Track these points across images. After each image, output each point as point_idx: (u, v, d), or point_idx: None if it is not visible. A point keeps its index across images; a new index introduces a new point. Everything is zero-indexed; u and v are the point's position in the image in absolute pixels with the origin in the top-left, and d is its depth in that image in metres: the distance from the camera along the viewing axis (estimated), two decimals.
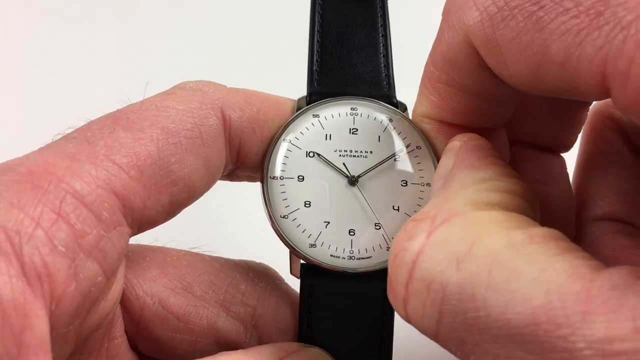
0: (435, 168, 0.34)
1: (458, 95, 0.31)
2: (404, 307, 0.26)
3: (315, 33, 0.38)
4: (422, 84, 0.33)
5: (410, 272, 0.25)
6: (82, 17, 0.73)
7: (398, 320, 0.34)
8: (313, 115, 0.36)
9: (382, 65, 0.37)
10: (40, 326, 0.25)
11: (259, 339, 0.35)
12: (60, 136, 0.30)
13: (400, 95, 0.37)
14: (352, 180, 0.35)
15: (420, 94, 0.33)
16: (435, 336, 0.25)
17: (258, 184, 0.36)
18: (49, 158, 0.28)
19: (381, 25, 0.38)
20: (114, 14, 0.74)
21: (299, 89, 0.38)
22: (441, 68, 0.31)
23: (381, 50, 0.38)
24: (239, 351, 0.32)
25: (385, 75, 0.37)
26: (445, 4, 0.30)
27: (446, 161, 0.31)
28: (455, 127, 0.33)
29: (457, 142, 0.31)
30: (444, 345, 0.25)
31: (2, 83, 0.68)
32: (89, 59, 0.70)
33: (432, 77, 0.32)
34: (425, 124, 0.34)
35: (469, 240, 0.24)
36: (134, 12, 0.74)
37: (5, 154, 0.29)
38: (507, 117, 0.34)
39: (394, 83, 0.37)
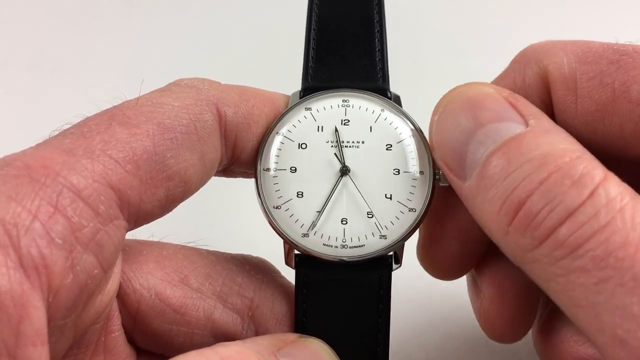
0: (427, 157, 0.35)
1: None
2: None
3: (312, 29, 0.38)
4: None
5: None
6: (80, 17, 0.74)
7: (394, 308, 0.35)
8: (305, 108, 0.36)
9: (377, 59, 0.38)
10: (37, 317, 0.25)
11: (256, 331, 0.36)
12: (57, 132, 0.31)
13: (395, 88, 0.38)
14: (344, 170, 0.35)
15: None
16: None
17: (253, 179, 0.36)
18: (46, 153, 0.28)
19: (377, 21, 0.38)
20: (110, 13, 0.75)
21: (295, 85, 0.38)
22: None
23: (376, 45, 0.38)
24: (237, 342, 0.32)
25: (380, 68, 0.37)
26: (521, 51, 0.35)
27: None
28: None
29: None
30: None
31: (1, 83, 0.68)
32: (86, 57, 0.71)
33: None
34: None
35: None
36: (129, 10, 0.75)
37: (4, 152, 0.29)
38: None
39: (388, 76, 0.37)
